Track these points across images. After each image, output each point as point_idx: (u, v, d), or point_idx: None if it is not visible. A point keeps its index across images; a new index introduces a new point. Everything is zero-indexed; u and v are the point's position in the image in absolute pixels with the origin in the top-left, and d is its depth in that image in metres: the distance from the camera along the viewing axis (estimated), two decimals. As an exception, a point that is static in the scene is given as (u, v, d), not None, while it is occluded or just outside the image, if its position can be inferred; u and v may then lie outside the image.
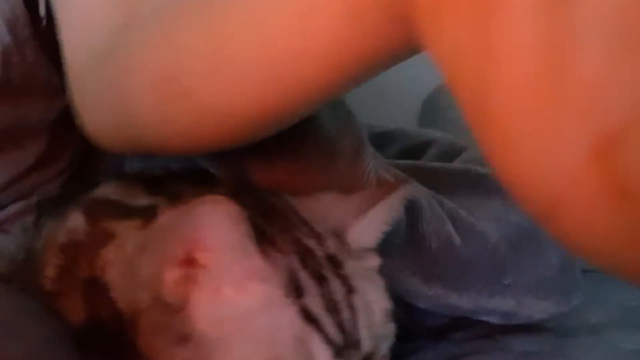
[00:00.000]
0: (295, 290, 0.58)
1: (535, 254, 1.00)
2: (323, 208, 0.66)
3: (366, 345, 0.60)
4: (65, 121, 0.73)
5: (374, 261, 0.66)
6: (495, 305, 0.99)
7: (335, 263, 0.63)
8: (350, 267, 0.63)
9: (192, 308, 0.57)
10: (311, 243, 0.63)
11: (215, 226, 0.54)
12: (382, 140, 1.06)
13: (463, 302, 0.96)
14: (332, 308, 0.59)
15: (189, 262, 0.56)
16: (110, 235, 0.62)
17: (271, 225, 0.62)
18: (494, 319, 1.02)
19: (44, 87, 0.80)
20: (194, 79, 0.56)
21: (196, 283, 0.57)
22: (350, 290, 0.62)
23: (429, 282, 0.92)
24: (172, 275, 0.57)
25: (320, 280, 0.60)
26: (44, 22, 0.75)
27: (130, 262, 0.59)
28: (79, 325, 0.60)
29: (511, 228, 1.00)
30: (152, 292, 0.58)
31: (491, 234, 0.97)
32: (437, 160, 1.12)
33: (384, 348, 0.63)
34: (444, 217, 0.95)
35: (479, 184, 1.03)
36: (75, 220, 0.65)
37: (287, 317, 0.57)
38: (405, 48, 0.49)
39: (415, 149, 1.09)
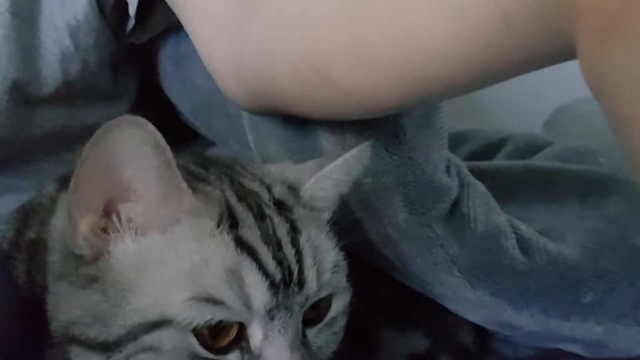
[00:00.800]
0: (229, 221, 0.55)
1: (627, 264, 0.77)
2: (278, 169, 0.64)
3: (312, 288, 0.56)
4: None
5: (326, 215, 0.62)
6: (573, 331, 0.77)
7: (281, 206, 0.60)
8: (300, 212, 0.60)
9: (106, 257, 0.54)
10: (254, 186, 0.61)
11: (130, 157, 0.52)
12: (456, 140, 0.99)
13: (523, 320, 0.76)
14: (271, 242, 0.56)
15: (106, 209, 0.54)
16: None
17: (207, 171, 0.60)
18: (578, 350, 0.80)
19: (105, 94, 0.82)
20: (334, 65, 0.57)
21: (113, 230, 0.55)
22: (295, 230, 0.58)
23: (474, 283, 0.74)
24: (84, 226, 0.54)
25: (261, 215, 0.57)
26: (133, 22, 0.78)
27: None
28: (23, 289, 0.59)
29: (588, 236, 0.79)
30: (61, 243, 0.56)
31: (560, 246, 0.77)
32: (513, 157, 0.94)
33: (339, 306, 0.60)
34: (496, 213, 0.76)
35: (550, 186, 0.86)
36: (49, 187, 0.64)
37: (218, 247, 0.53)
38: (555, 58, 0.48)
39: (490, 146, 1.03)
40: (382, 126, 0.71)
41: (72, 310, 0.55)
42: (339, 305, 0.61)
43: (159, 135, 0.50)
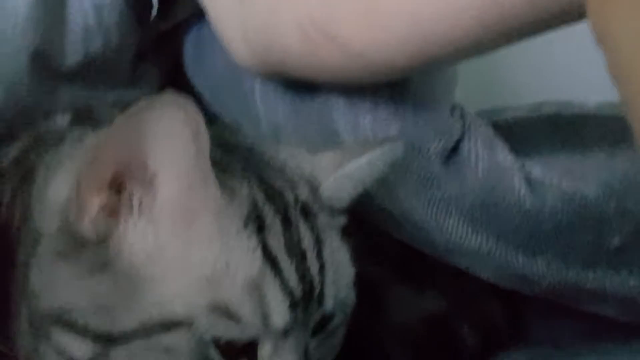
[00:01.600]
0: (256, 224, 0.50)
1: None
2: (295, 160, 0.60)
3: (329, 304, 0.52)
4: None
5: (343, 221, 0.59)
6: (602, 285, 0.67)
7: (306, 211, 0.55)
8: (323, 220, 0.56)
9: (116, 242, 0.49)
10: (280, 185, 0.56)
11: (165, 139, 0.47)
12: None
13: (538, 270, 0.68)
14: (295, 253, 0.52)
15: (118, 186, 0.49)
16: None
17: (231, 158, 0.55)
18: (613, 312, 0.70)
19: (125, 78, 0.80)
20: (342, 25, 0.57)
21: (125, 213, 0.50)
22: (320, 241, 0.54)
23: (475, 226, 0.68)
24: (94, 205, 0.49)
25: (287, 221, 0.52)
26: (156, 8, 0.78)
27: (43, 183, 0.54)
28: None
29: (614, 175, 0.71)
30: (62, 219, 0.51)
31: (578, 184, 0.70)
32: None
33: (343, 316, 0.56)
34: (504, 153, 0.70)
35: (575, 134, 0.79)
36: (62, 117, 0.62)
37: (243, 253, 0.49)
38: (564, 18, 0.49)
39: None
40: None
41: (73, 296, 0.50)
42: (342, 314, 0.56)
43: (200, 120, 0.46)
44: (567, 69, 1.16)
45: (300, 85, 0.70)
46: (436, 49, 0.57)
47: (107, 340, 0.49)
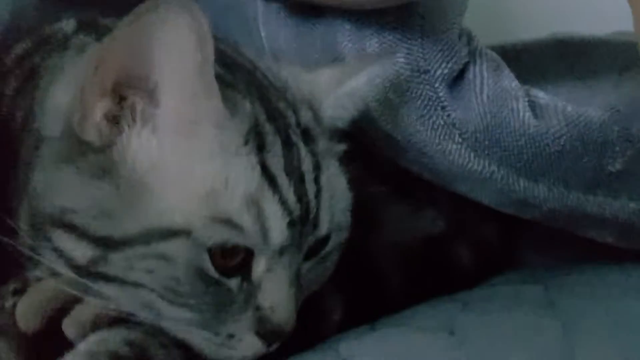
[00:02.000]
0: (257, 142, 0.51)
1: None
2: (295, 80, 0.60)
3: (324, 229, 0.54)
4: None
5: (341, 147, 0.59)
6: (602, 209, 0.67)
7: (307, 135, 0.56)
8: (322, 146, 0.56)
9: (120, 149, 0.50)
10: (282, 106, 0.56)
11: (169, 44, 0.47)
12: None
13: (540, 193, 0.68)
14: (295, 174, 0.52)
15: (121, 96, 0.50)
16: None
17: (233, 75, 0.54)
18: (610, 237, 0.70)
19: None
20: None
21: (128, 122, 0.50)
22: (318, 167, 0.54)
23: (477, 150, 0.67)
24: (97, 111, 0.50)
25: (288, 142, 0.54)
26: None
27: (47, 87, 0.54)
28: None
29: (620, 99, 0.70)
30: (66, 123, 0.51)
31: (584, 108, 0.69)
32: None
33: (337, 241, 0.57)
34: (509, 79, 0.69)
35: (584, 59, 0.78)
36: (68, 24, 0.62)
37: (242, 169, 0.50)
38: None
39: None
40: None
41: (74, 198, 0.50)
42: (337, 239, 0.57)
43: (207, 25, 0.45)
44: (579, 2, 1.13)
45: (304, 10, 0.69)
46: None
47: (106, 244, 0.49)
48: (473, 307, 0.62)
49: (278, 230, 0.51)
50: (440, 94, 0.68)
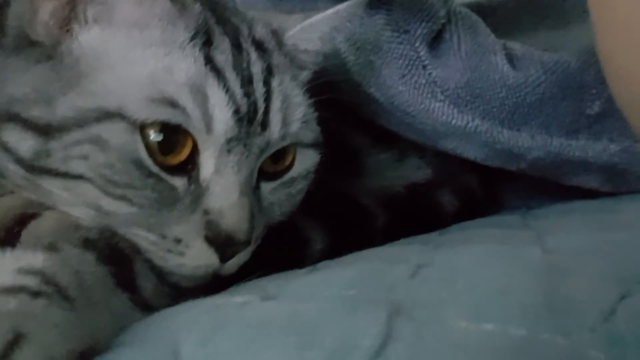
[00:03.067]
0: (203, 39, 0.53)
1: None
2: (264, 17, 0.61)
3: (274, 132, 0.54)
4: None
5: (306, 74, 0.61)
6: (584, 153, 0.69)
7: (260, 46, 0.57)
8: (278, 59, 0.58)
9: (67, 44, 0.53)
10: (235, 20, 0.58)
11: None
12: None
13: (524, 142, 0.69)
14: (242, 73, 0.53)
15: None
16: None
17: None
18: (596, 183, 0.72)
19: None
20: None
21: (79, 20, 0.53)
22: (270, 72, 0.55)
23: (460, 106, 0.68)
24: (45, 11, 0.52)
25: (237, 46, 0.55)
26: None
27: None
28: None
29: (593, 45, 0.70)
30: (18, 25, 0.54)
31: (560, 55, 0.71)
32: None
33: (302, 166, 0.59)
34: (485, 35, 0.72)
35: (556, 10, 0.81)
36: None
37: (186, 59, 0.52)
38: None
39: None
40: None
41: (19, 86, 0.52)
42: (303, 164, 0.58)
43: None
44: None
45: None
46: None
47: (46, 132, 0.50)
48: (445, 239, 0.63)
49: (222, 118, 0.51)
50: (421, 53, 0.69)
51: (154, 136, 0.50)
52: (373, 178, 0.73)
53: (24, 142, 0.51)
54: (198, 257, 0.52)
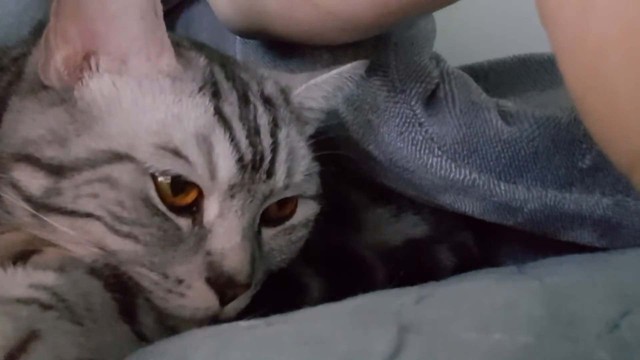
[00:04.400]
0: (212, 91, 0.55)
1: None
2: (272, 73, 0.64)
3: (279, 181, 0.56)
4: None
5: (309, 129, 0.63)
6: (578, 206, 0.71)
7: (268, 101, 0.59)
8: (285, 113, 0.60)
9: (78, 90, 0.54)
10: (245, 76, 0.60)
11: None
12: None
13: (520, 195, 0.71)
14: (249, 124, 0.55)
15: (85, 48, 0.54)
16: None
17: (199, 50, 0.59)
18: (591, 238, 0.73)
19: None
20: None
21: (92, 71, 0.55)
22: (276, 124, 0.58)
23: (457, 160, 0.71)
24: (59, 58, 0.54)
25: (245, 100, 0.57)
26: None
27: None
28: None
29: None
30: (33, 70, 0.56)
31: (551, 111, 0.73)
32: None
33: (303, 216, 0.60)
34: (477, 94, 0.74)
35: (545, 74, 0.84)
36: None
37: (195, 107, 0.53)
38: None
39: None
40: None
41: (34, 128, 0.54)
42: (303, 213, 0.60)
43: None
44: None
45: (279, 46, 0.73)
46: (397, 3, 0.60)
47: (58, 172, 0.52)
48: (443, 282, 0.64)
49: (226, 166, 0.53)
50: (417, 111, 0.72)
51: (163, 179, 0.52)
52: (371, 232, 0.74)
53: (35, 181, 0.53)
54: (198, 299, 0.53)
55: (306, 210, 0.60)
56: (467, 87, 0.73)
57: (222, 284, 0.52)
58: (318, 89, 0.63)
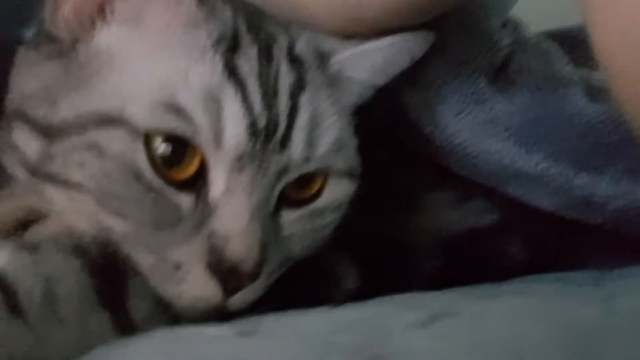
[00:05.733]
0: (229, 45, 0.50)
1: None
2: (319, 37, 0.57)
3: (296, 153, 0.50)
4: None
5: (348, 99, 0.56)
6: None
7: (296, 60, 0.53)
8: (315, 76, 0.53)
9: (86, 40, 0.51)
10: (274, 30, 0.55)
11: None
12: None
13: (605, 188, 0.61)
14: (266, 83, 0.50)
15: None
16: None
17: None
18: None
19: None
20: None
21: (101, 19, 0.51)
22: (300, 86, 0.51)
23: (527, 145, 0.62)
24: (68, 6, 0.51)
25: (268, 56, 0.51)
26: None
27: None
28: None
29: None
30: (42, 21, 0.53)
31: None
32: None
33: (334, 196, 0.53)
34: (561, 65, 0.64)
35: None
36: None
37: (204, 65, 0.48)
38: None
39: None
40: None
41: (30, 81, 0.51)
42: (333, 194, 0.54)
43: None
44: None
45: None
46: None
47: (48, 133, 0.48)
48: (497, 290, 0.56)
49: (234, 131, 0.47)
50: (480, 86, 0.63)
51: (158, 147, 0.47)
52: (428, 218, 0.66)
53: (31, 143, 0.50)
54: (198, 287, 0.48)
55: (337, 191, 0.54)
56: (547, 58, 0.63)
57: (224, 272, 0.47)
58: (365, 58, 0.56)
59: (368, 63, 0.57)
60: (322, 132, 0.52)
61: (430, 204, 0.66)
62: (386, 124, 0.65)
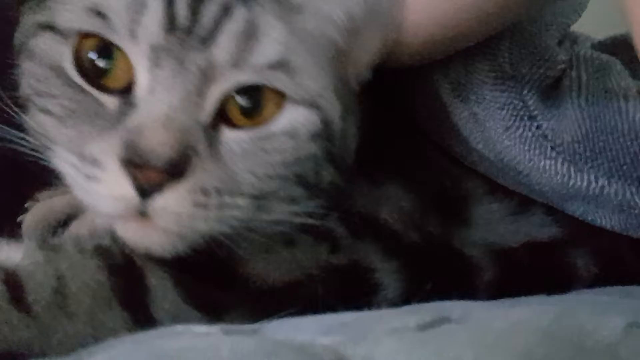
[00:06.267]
0: None
1: None
2: None
3: (221, 55, 0.49)
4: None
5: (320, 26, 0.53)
6: None
7: None
8: (271, 5, 0.51)
9: None
10: None
11: None
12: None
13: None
14: None
15: None
16: None
17: None
18: None
19: None
20: None
21: None
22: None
23: (577, 163, 0.60)
24: None
25: None
26: None
27: None
28: None
29: None
30: None
31: None
32: None
33: (297, 121, 0.52)
34: (618, 79, 0.60)
35: None
36: None
37: None
38: None
39: None
40: None
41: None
42: (288, 121, 0.52)
43: None
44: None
45: None
46: None
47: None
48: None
49: (147, 22, 0.48)
50: (529, 102, 0.60)
51: (87, 53, 0.50)
52: (480, 230, 0.63)
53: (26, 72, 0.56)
54: (113, 184, 0.47)
55: (294, 119, 0.52)
56: (604, 72, 0.60)
57: (135, 165, 0.47)
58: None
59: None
60: (259, 43, 0.50)
61: (482, 216, 0.63)
62: (439, 138, 0.64)
